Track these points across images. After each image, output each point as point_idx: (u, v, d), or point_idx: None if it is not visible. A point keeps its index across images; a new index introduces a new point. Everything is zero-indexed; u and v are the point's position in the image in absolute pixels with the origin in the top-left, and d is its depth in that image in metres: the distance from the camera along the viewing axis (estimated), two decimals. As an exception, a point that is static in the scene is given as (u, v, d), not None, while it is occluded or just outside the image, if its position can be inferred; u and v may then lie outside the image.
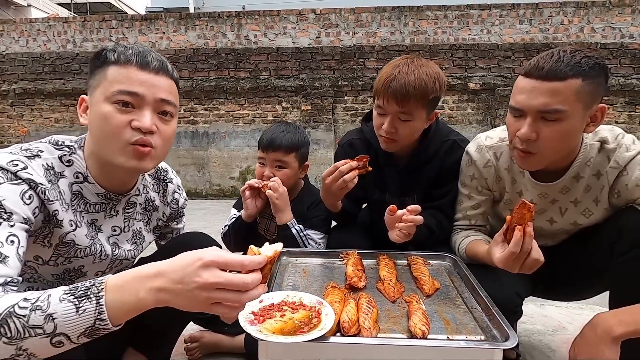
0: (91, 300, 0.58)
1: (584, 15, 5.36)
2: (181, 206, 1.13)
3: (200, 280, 0.58)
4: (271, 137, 1.39)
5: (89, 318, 0.58)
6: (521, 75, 0.96)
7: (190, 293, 0.58)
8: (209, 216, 4.38)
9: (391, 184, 1.33)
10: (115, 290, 0.59)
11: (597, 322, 0.90)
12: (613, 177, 1.02)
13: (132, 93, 0.79)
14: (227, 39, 5.86)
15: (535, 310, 1.79)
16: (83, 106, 0.85)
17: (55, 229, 0.81)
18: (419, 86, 1.11)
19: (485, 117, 5.56)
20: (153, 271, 0.60)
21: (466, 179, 1.22)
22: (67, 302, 0.58)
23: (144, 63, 0.81)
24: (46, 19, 6.50)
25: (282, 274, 1.10)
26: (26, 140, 6.11)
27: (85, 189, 0.86)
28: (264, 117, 5.88)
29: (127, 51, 0.81)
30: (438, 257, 1.21)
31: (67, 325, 0.57)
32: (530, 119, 0.93)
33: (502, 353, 0.77)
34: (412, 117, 1.15)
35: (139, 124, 0.79)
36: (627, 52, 5.26)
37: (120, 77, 0.79)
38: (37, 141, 0.85)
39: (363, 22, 5.67)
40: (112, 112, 0.78)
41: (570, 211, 1.10)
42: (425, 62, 1.18)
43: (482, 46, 5.45)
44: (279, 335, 0.75)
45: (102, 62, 0.81)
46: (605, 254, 1.02)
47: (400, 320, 0.87)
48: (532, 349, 1.48)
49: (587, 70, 0.88)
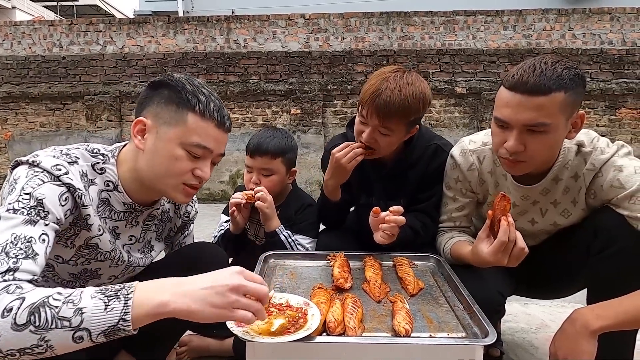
0: (120, 300, 0.63)
1: (565, 22, 5.53)
2: (191, 218, 1.19)
3: (232, 283, 0.66)
4: (257, 143, 1.40)
5: (115, 316, 0.62)
6: (504, 88, 0.97)
7: (218, 297, 0.65)
8: (199, 220, 4.32)
9: (377, 189, 1.35)
10: (143, 291, 0.64)
11: (575, 317, 0.94)
12: (589, 178, 1.05)
13: (207, 149, 0.88)
14: (217, 43, 5.85)
15: (519, 309, 1.84)
16: (139, 128, 0.88)
17: (83, 231, 0.85)
18: (402, 107, 1.12)
19: (472, 120, 5.66)
20: (180, 280, 0.67)
21: (451, 182, 1.25)
22: (97, 299, 0.62)
23: (222, 122, 0.90)
24: (31, 21, 6.39)
25: (270, 276, 1.11)
26: (10, 144, 5.98)
27: (114, 197, 0.91)
28: (253, 121, 5.88)
29: (209, 105, 0.88)
30: (423, 257, 1.24)
31: (93, 320, 0.61)
32: (517, 132, 0.96)
33: (483, 349, 0.80)
34: (391, 132, 1.18)
35: (201, 174, 0.89)
36: (606, 57, 5.43)
37: (200, 130, 0.86)
38: (74, 147, 0.88)
39: (352, 27, 5.73)
40: (183, 157, 0.86)
41: (550, 212, 1.14)
42: (415, 78, 1.17)
43: (468, 51, 5.56)
44: (265, 336, 0.76)
45: (183, 103, 0.86)
46: (583, 253, 1.06)
47: (385, 320, 0.90)
48: (516, 347, 1.52)
49: (568, 83, 0.92)
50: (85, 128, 5.87)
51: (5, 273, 0.65)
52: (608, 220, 1.01)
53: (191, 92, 0.87)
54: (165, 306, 0.63)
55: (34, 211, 0.72)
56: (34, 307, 0.60)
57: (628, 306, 0.89)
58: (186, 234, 1.20)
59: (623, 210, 0.99)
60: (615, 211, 1.01)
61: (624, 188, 0.99)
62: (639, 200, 0.97)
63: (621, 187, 0.99)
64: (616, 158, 1.02)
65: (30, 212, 0.72)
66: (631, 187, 0.97)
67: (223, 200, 5.57)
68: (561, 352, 0.92)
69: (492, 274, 1.14)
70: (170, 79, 0.89)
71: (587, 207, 1.10)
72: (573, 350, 0.90)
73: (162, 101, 0.87)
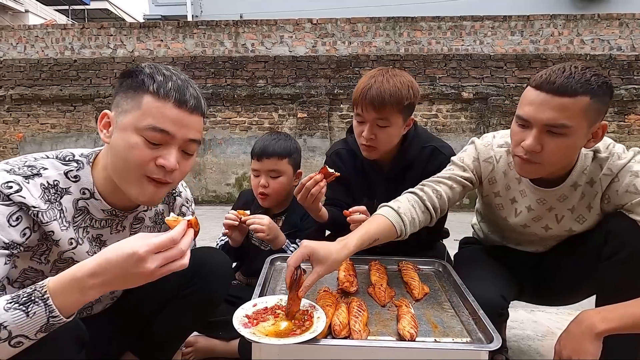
0: (39, 304, 0.63)
1: (573, 28, 5.50)
2: None
3: (143, 270, 0.64)
4: (264, 145, 1.42)
5: (42, 318, 0.63)
6: (531, 87, 0.97)
7: (135, 279, 0.65)
8: (205, 222, 4.35)
9: (378, 191, 1.37)
10: (59, 294, 0.64)
11: (581, 318, 0.94)
12: (606, 183, 1.05)
13: (164, 131, 0.77)
14: (225, 47, 5.92)
15: (525, 316, 1.82)
16: (105, 122, 0.82)
17: (53, 247, 0.82)
18: (394, 93, 1.19)
19: (479, 125, 5.64)
20: (87, 272, 0.65)
21: (466, 158, 1.20)
22: (13, 310, 0.62)
23: (182, 101, 0.78)
24: (44, 25, 6.53)
25: (276, 279, 1.13)
26: (22, 145, 6.09)
27: (92, 205, 0.86)
28: (260, 125, 5.92)
29: (167, 84, 0.78)
30: (428, 262, 1.24)
31: (21, 329, 0.62)
32: (536, 131, 0.95)
33: (488, 355, 0.80)
34: (389, 122, 1.23)
35: (164, 163, 0.78)
36: (615, 63, 5.39)
37: (155, 111, 0.77)
38: (44, 156, 0.83)
39: (358, 32, 5.76)
40: (139, 145, 0.77)
41: (566, 218, 1.13)
42: (399, 72, 1.26)
43: (475, 56, 5.56)
44: (272, 337, 0.77)
45: (138, 86, 0.78)
46: (592, 259, 1.06)
47: (390, 324, 0.90)
48: (521, 354, 1.51)
49: (595, 89, 0.91)
50: (95, 130, 5.96)
51: None
52: (619, 226, 1.01)
53: (148, 74, 0.78)
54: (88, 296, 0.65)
55: None
56: None
57: (634, 310, 0.90)
58: None
59: (636, 215, 0.99)
60: (627, 216, 1.00)
61: (639, 194, 0.98)
62: None
63: (637, 192, 0.99)
64: (633, 163, 1.02)
65: None
66: None
67: (229, 202, 5.60)
68: (565, 352, 0.93)
69: (496, 277, 1.14)
70: (135, 66, 0.81)
71: (601, 212, 1.09)
72: (577, 351, 0.91)
73: (122, 90, 0.80)
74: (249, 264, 1.50)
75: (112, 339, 0.73)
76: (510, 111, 5.24)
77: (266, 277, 1.08)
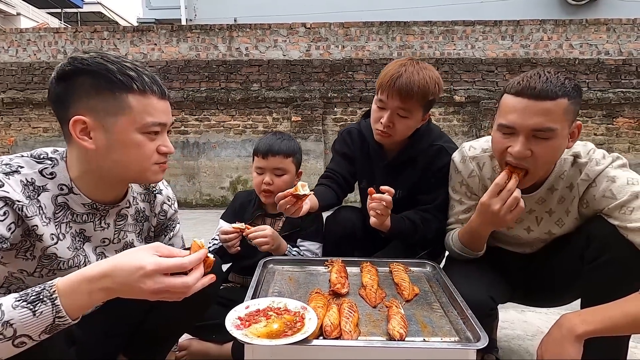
0: (46, 303, 0.63)
1: (562, 33, 5.60)
2: (169, 217, 1.13)
3: (145, 287, 0.65)
4: (269, 144, 1.44)
5: (48, 318, 0.63)
6: (510, 94, 0.99)
7: (137, 293, 0.66)
8: (199, 226, 4.36)
9: (378, 176, 1.40)
10: (68, 294, 0.65)
11: (562, 321, 0.95)
12: (583, 188, 1.07)
13: (162, 124, 0.86)
14: (219, 51, 5.92)
15: (515, 316, 1.85)
16: (80, 128, 0.81)
17: (37, 242, 0.82)
18: (422, 86, 1.20)
19: (471, 128, 5.71)
20: (98, 273, 0.66)
21: (456, 186, 1.26)
22: (21, 308, 0.62)
23: (162, 92, 0.86)
24: (36, 28, 6.49)
25: (269, 282, 1.14)
26: (13, 149, 6.02)
27: (71, 200, 0.87)
28: (254, 128, 5.93)
29: (144, 79, 0.82)
30: (419, 264, 1.26)
31: (26, 328, 0.62)
32: (523, 137, 0.97)
33: (478, 354, 0.82)
34: (410, 114, 1.24)
35: (166, 150, 0.88)
36: (603, 67, 5.49)
37: (148, 108, 0.83)
38: (18, 155, 0.84)
39: (352, 36, 5.81)
40: (144, 142, 0.84)
41: (545, 221, 1.16)
42: (428, 65, 1.27)
43: (466, 61, 5.63)
44: (264, 338, 0.79)
45: (117, 87, 0.79)
46: (577, 262, 1.08)
47: (380, 324, 0.92)
48: (512, 353, 1.53)
49: (570, 91, 0.96)
50: (88, 134, 5.91)
51: None
52: (600, 229, 1.03)
53: (119, 72, 0.80)
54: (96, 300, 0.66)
55: None
56: None
57: (614, 312, 0.91)
58: (172, 235, 1.16)
59: (614, 220, 1.01)
60: (606, 221, 1.02)
61: (615, 198, 1.00)
62: (629, 210, 0.98)
63: (613, 197, 1.01)
64: (610, 169, 1.04)
65: None
66: (622, 197, 0.99)
67: (223, 206, 5.59)
68: (547, 355, 0.94)
69: (485, 278, 1.16)
70: (83, 62, 0.79)
71: (580, 217, 1.12)
72: (558, 354, 0.92)
73: (90, 92, 0.79)
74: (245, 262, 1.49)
75: (104, 341, 0.73)
76: (501, 114, 5.29)
77: (259, 280, 1.09)
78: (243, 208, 1.54)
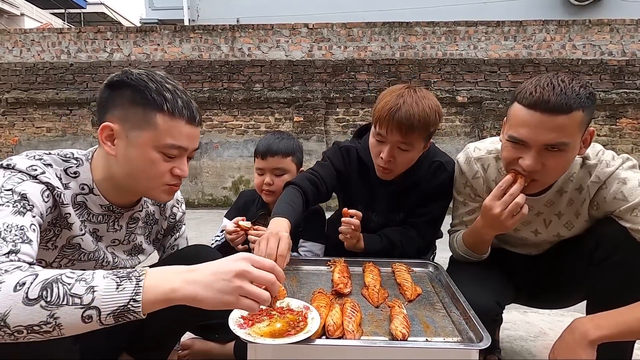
0: (132, 281, 0.63)
1: (565, 33, 5.59)
2: (178, 219, 1.17)
3: (237, 268, 0.66)
4: (268, 144, 1.44)
5: (126, 296, 0.62)
6: (521, 105, 0.94)
7: (224, 282, 0.65)
8: (202, 226, 4.37)
9: (380, 203, 1.36)
10: (154, 276, 0.65)
11: (575, 326, 0.94)
12: (594, 191, 1.05)
13: (181, 147, 0.87)
14: (221, 52, 5.94)
15: (518, 317, 1.85)
16: (107, 134, 0.85)
17: (64, 230, 0.85)
18: (422, 118, 1.12)
19: (473, 129, 5.70)
20: (187, 268, 0.68)
21: (460, 187, 1.25)
22: (109, 279, 0.63)
23: (192, 117, 0.87)
24: (40, 28, 6.53)
25: (272, 281, 1.14)
26: (17, 149, 6.06)
27: (90, 200, 0.90)
28: (256, 128, 5.94)
29: (177, 102, 0.84)
30: (421, 264, 1.26)
31: (104, 299, 0.61)
32: (535, 151, 0.94)
33: (480, 354, 0.82)
34: (412, 147, 1.17)
35: (180, 173, 0.89)
36: (606, 68, 5.48)
37: (172, 130, 0.84)
38: (45, 152, 0.87)
39: (354, 37, 5.82)
40: (159, 160, 0.86)
41: (553, 223, 1.14)
42: (426, 93, 1.19)
43: (469, 61, 5.63)
44: (267, 337, 0.79)
45: (148, 103, 0.83)
46: (585, 263, 1.07)
47: (383, 324, 0.92)
48: (514, 354, 1.53)
49: (585, 101, 0.91)
50: (91, 134, 5.95)
51: (8, 254, 0.64)
52: (610, 231, 1.02)
53: (156, 91, 0.83)
54: (174, 292, 0.64)
55: (19, 204, 0.72)
56: (46, 283, 0.59)
57: (627, 317, 0.89)
58: (177, 236, 1.18)
59: (625, 222, 0.99)
60: (617, 222, 1.01)
61: (626, 200, 0.99)
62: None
63: (624, 199, 0.99)
64: (620, 171, 1.02)
65: (15, 205, 0.71)
66: (634, 199, 0.97)
67: (225, 206, 5.61)
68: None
69: (491, 282, 1.14)
70: (130, 76, 0.84)
71: (590, 219, 1.10)
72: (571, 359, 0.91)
73: (126, 103, 0.83)
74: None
75: (107, 339, 0.74)
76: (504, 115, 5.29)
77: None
78: (247, 207, 1.55)
